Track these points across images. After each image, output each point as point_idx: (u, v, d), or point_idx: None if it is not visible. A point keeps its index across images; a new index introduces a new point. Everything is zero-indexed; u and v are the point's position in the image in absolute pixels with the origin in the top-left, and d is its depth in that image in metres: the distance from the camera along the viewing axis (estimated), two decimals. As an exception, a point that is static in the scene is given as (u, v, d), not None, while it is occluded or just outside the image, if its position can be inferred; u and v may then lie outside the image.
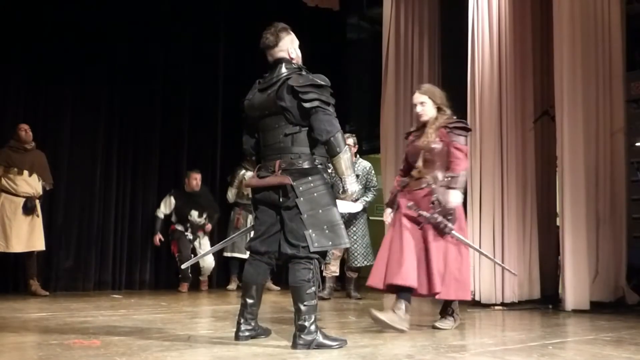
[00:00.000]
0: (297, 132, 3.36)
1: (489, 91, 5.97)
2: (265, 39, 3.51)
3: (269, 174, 3.41)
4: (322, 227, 3.30)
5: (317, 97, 3.30)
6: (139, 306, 5.56)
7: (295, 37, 3.57)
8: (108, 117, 7.43)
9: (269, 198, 3.41)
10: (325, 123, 3.29)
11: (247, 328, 3.46)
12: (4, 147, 6.36)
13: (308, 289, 3.26)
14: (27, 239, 6.31)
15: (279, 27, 3.53)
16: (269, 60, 3.52)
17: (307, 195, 3.32)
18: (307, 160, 3.35)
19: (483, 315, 5.21)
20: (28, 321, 4.44)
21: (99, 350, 3.12)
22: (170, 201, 7.48)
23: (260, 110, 3.47)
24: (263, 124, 3.47)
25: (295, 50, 3.53)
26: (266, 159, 3.46)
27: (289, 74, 3.40)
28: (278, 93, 3.38)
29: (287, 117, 3.36)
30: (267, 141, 3.46)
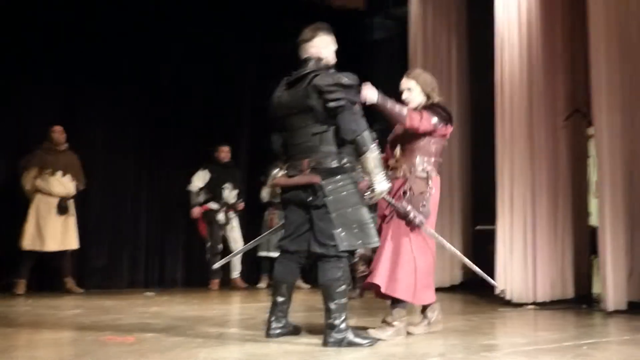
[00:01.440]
0: (325, 131, 3.37)
1: (519, 89, 5.90)
2: (302, 33, 3.53)
3: (297, 173, 3.42)
4: (351, 226, 3.31)
5: (343, 97, 3.30)
6: (170, 304, 5.63)
7: (334, 41, 3.57)
8: (139, 118, 7.53)
9: (297, 197, 3.43)
10: (351, 122, 3.29)
11: (278, 326, 3.49)
12: (38, 149, 6.49)
13: (338, 287, 3.27)
14: (62, 238, 6.44)
15: (320, 25, 3.56)
16: (301, 57, 3.53)
17: (335, 195, 3.32)
18: (335, 160, 3.36)
19: (515, 314, 5.16)
20: (64, 318, 4.53)
21: (132, 347, 3.18)
22: (204, 174, 7.44)
23: (287, 108, 3.48)
24: (290, 123, 3.48)
25: (328, 51, 3.52)
26: (294, 158, 3.47)
27: (316, 72, 3.41)
28: (305, 91, 3.39)
29: (314, 116, 3.37)
30: (294, 140, 3.47)
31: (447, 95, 7.52)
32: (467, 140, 7.74)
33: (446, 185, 7.46)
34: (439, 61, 7.52)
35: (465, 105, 7.74)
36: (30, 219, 6.34)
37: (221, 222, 7.43)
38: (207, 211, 7.42)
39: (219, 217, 7.43)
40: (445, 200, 7.43)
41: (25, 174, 6.45)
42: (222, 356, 2.99)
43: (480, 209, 7.46)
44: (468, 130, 7.76)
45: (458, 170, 7.60)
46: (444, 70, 7.54)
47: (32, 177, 6.44)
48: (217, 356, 2.97)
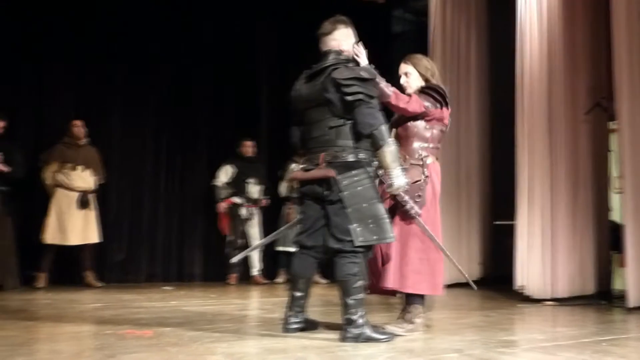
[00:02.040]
0: (342, 125, 3.35)
1: (539, 83, 5.85)
2: (322, 26, 3.53)
3: (313, 167, 3.42)
4: (366, 221, 3.29)
5: (360, 91, 3.29)
6: (189, 298, 5.66)
7: (354, 33, 3.56)
8: (157, 113, 7.57)
9: (313, 191, 3.43)
10: (368, 116, 3.28)
11: (295, 321, 3.49)
12: (58, 144, 6.55)
13: (355, 283, 3.27)
14: (82, 232, 6.50)
15: (339, 18, 3.55)
16: (321, 50, 3.52)
17: (351, 189, 3.31)
18: (352, 154, 3.34)
19: (533, 310, 5.13)
20: (84, 311, 4.58)
21: (151, 341, 3.20)
22: (228, 169, 7.48)
23: (306, 101, 3.48)
24: (308, 116, 3.48)
25: (348, 44, 3.51)
26: (311, 151, 3.46)
27: (335, 65, 3.39)
28: (323, 84, 3.38)
29: (332, 110, 3.36)
30: (312, 133, 3.46)
31: (466, 88, 7.52)
32: (486, 134, 7.69)
33: (464, 180, 7.45)
34: (458, 54, 7.48)
35: (485, 98, 7.69)
36: (51, 213, 6.41)
37: (244, 216, 7.46)
38: (231, 205, 7.45)
39: (242, 212, 7.45)
40: (463, 194, 7.41)
41: (46, 169, 6.51)
42: (239, 351, 3.00)
43: (499, 204, 7.42)
44: (487, 123, 7.71)
45: (476, 164, 7.56)
46: (463, 63, 7.50)
47: (52, 171, 6.50)
48: (234, 351, 2.98)
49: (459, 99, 7.47)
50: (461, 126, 7.46)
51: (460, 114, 7.47)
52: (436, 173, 3.74)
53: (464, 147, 7.46)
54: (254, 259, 7.54)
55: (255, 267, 7.57)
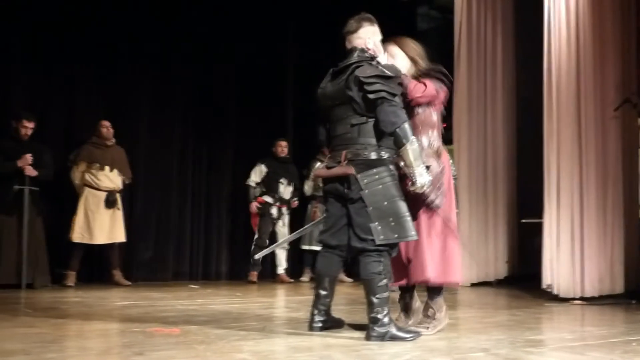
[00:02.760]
0: (364, 123, 3.35)
1: (567, 78, 5.77)
2: (347, 24, 3.52)
3: (335, 164, 3.42)
4: (387, 220, 3.28)
5: (383, 89, 3.27)
6: (215, 296, 5.70)
7: (379, 30, 3.55)
8: (183, 113, 7.64)
9: (335, 189, 3.43)
10: (390, 114, 3.26)
11: (320, 319, 3.50)
12: (87, 144, 6.63)
13: (379, 281, 3.26)
14: (109, 231, 6.58)
15: (364, 15, 3.54)
16: (347, 47, 3.51)
17: (372, 188, 3.30)
18: (374, 152, 3.33)
19: (561, 309, 5.07)
20: (112, 309, 4.64)
21: (178, 338, 3.23)
22: (261, 169, 7.53)
23: (331, 99, 3.49)
24: (333, 114, 3.49)
25: (373, 42, 3.50)
26: (335, 149, 3.47)
27: (359, 63, 3.39)
28: (347, 82, 3.38)
29: (354, 107, 3.36)
30: (336, 131, 3.47)
31: (492, 84, 7.46)
32: (513, 130, 7.61)
33: (491, 177, 7.38)
34: (485, 51, 7.41)
35: (512, 94, 7.62)
36: (79, 212, 6.50)
37: (274, 216, 7.49)
38: (262, 204, 7.48)
39: (272, 212, 7.48)
40: (490, 192, 7.35)
41: (74, 169, 6.60)
42: (265, 349, 3.02)
43: (526, 202, 7.35)
44: (514, 120, 7.64)
45: (503, 161, 7.49)
46: (489, 60, 7.43)
47: (80, 171, 6.59)
48: (260, 349, 3.00)
49: (485, 96, 7.41)
50: (488, 123, 7.40)
51: (487, 111, 7.41)
52: (447, 160, 3.68)
53: (491, 145, 7.39)
54: (280, 258, 7.57)
55: (282, 266, 7.59)
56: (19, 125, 6.17)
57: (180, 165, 7.61)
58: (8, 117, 6.32)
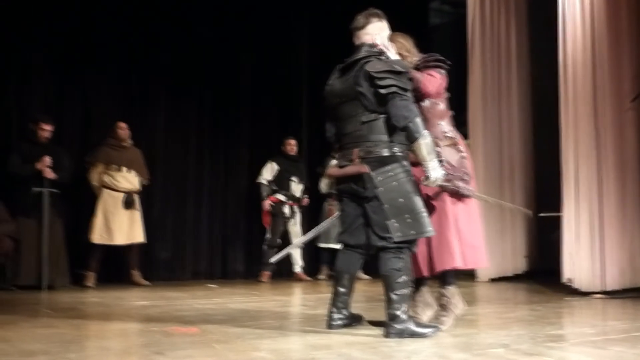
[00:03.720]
0: (374, 120, 3.32)
1: (582, 70, 5.71)
2: (355, 20, 3.51)
3: (347, 163, 3.39)
4: (403, 216, 3.26)
5: (394, 83, 3.25)
6: (232, 295, 5.72)
7: (388, 26, 3.53)
8: (198, 114, 7.68)
9: (349, 188, 3.41)
10: (402, 109, 3.23)
11: (339, 317, 3.49)
12: (104, 145, 6.68)
13: (399, 277, 3.25)
14: (128, 232, 6.62)
15: (372, 11, 3.52)
16: (355, 43, 3.49)
17: (386, 185, 3.28)
18: (386, 148, 3.30)
19: (582, 303, 5.02)
20: (131, 309, 4.67)
21: (196, 337, 3.24)
22: (273, 167, 7.54)
23: (340, 96, 3.45)
24: (342, 111, 3.45)
25: (381, 38, 3.48)
26: (345, 147, 3.44)
27: (367, 58, 3.36)
28: (356, 78, 3.35)
29: (364, 104, 3.33)
30: (345, 129, 3.44)
31: (507, 79, 7.40)
32: (529, 124, 7.56)
33: (507, 171, 7.33)
34: (498, 45, 7.35)
35: (527, 88, 7.56)
36: (98, 213, 6.54)
37: (286, 215, 7.49)
38: (275, 203, 7.49)
39: (285, 210, 7.49)
40: (507, 186, 7.30)
41: (92, 170, 6.65)
42: (284, 347, 3.02)
43: (544, 195, 7.29)
44: (530, 113, 7.58)
45: (519, 155, 7.44)
46: (503, 54, 7.37)
47: (98, 172, 6.64)
48: (279, 347, 3.00)
49: (500, 90, 7.36)
50: (503, 117, 7.35)
51: (502, 105, 7.36)
52: (464, 145, 3.67)
53: (506, 139, 7.35)
54: (295, 256, 7.57)
55: (298, 264, 7.60)
56: (37, 129, 6.23)
57: (196, 165, 7.64)
58: (26, 121, 6.39)
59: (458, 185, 3.52)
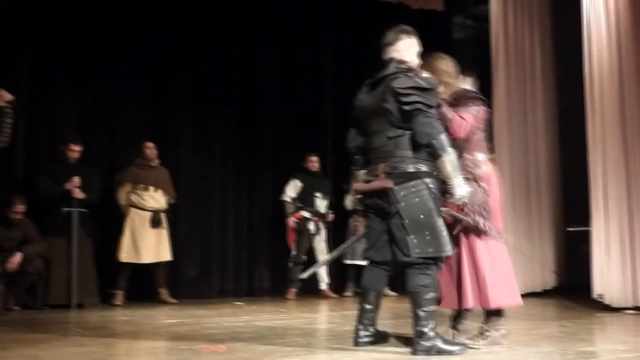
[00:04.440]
0: (400, 136, 3.33)
1: (609, 83, 5.66)
2: (385, 36, 3.53)
3: (373, 178, 3.41)
4: (423, 233, 3.24)
5: (418, 100, 3.25)
6: (259, 313, 5.73)
7: (417, 43, 3.54)
8: (224, 132, 7.74)
9: (375, 204, 3.42)
10: (426, 126, 3.24)
11: (365, 334, 3.47)
12: (132, 165, 6.77)
13: (426, 294, 3.23)
14: (155, 251, 6.68)
15: (403, 28, 3.55)
16: (383, 59, 3.51)
17: (408, 200, 3.27)
18: (411, 164, 3.30)
19: (614, 320, 4.93)
20: (159, 327, 4.70)
21: (224, 356, 3.25)
22: (296, 184, 7.54)
23: (368, 112, 3.48)
24: (370, 127, 3.47)
25: (410, 55, 3.49)
26: (372, 162, 3.45)
27: (395, 74, 3.37)
28: (383, 94, 3.37)
29: (390, 120, 3.34)
30: (373, 144, 3.45)
31: (531, 92, 7.35)
32: (555, 137, 7.50)
33: (534, 186, 7.27)
34: (523, 58, 7.32)
35: (552, 102, 7.51)
36: (125, 232, 6.61)
37: (311, 231, 7.50)
38: (299, 219, 7.51)
39: (310, 227, 7.50)
40: (534, 201, 7.23)
41: (120, 189, 6.74)
42: (311, 365, 3.02)
43: (572, 210, 7.20)
44: (555, 128, 7.52)
45: (546, 169, 7.37)
46: (528, 66, 7.34)
47: (126, 192, 6.72)
48: (306, 365, 3.00)
49: (525, 103, 7.31)
50: (528, 131, 7.30)
51: (527, 118, 7.31)
52: (491, 179, 3.62)
53: (532, 152, 7.29)
54: (322, 273, 7.56)
55: (324, 281, 7.59)
56: (67, 149, 6.33)
57: (222, 184, 7.70)
58: (56, 142, 6.52)
59: (475, 219, 3.49)
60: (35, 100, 6.61)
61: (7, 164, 6.34)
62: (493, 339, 3.52)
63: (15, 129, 5.96)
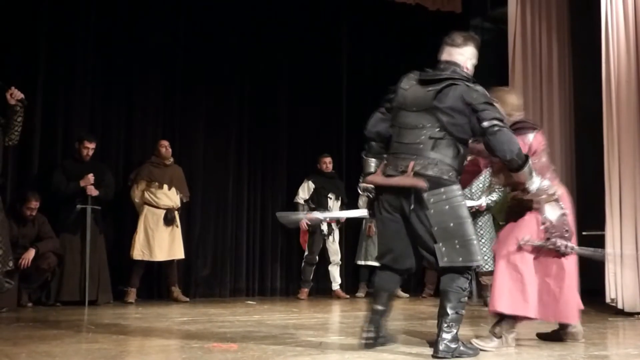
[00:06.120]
0: (441, 138, 3.23)
1: (627, 88, 5.61)
2: (454, 36, 3.47)
3: (397, 173, 3.25)
4: (453, 241, 3.16)
5: (496, 117, 3.21)
6: (271, 312, 5.73)
7: (477, 54, 3.51)
8: (238, 133, 7.75)
9: (394, 201, 3.28)
10: (507, 143, 3.21)
11: (374, 335, 3.43)
12: (146, 163, 6.80)
13: (462, 297, 3.19)
14: (168, 249, 6.70)
15: (473, 35, 3.55)
16: (441, 58, 3.43)
17: (438, 207, 3.17)
18: (444, 169, 3.20)
19: (626, 324, 4.89)
20: (171, 325, 4.72)
21: (236, 354, 3.26)
22: (309, 185, 7.55)
23: (411, 104, 3.33)
24: (405, 119, 3.33)
25: (471, 63, 3.46)
26: (398, 156, 3.30)
27: (457, 81, 3.27)
28: (439, 94, 3.24)
29: (440, 120, 3.23)
30: (404, 138, 3.30)
31: (548, 94, 7.29)
32: (571, 142, 7.43)
33: (549, 189, 7.20)
34: (540, 60, 7.26)
35: (569, 106, 7.44)
36: (139, 230, 6.63)
37: (324, 232, 7.50)
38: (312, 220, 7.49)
39: (323, 227, 7.49)
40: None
41: (134, 187, 6.76)
42: (322, 364, 3.02)
43: (587, 214, 7.13)
44: (572, 130, 7.45)
45: (561, 173, 7.30)
46: (545, 69, 7.27)
47: (140, 190, 6.74)
48: (317, 364, 3.00)
49: (541, 106, 7.25)
50: (545, 134, 7.23)
51: (543, 121, 7.25)
52: (566, 200, 3.76)
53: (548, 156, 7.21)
54: (334, 274, 7.55)
55: (336, 282, 7.58)
56: (81, 147, 6.37)
57: (236, 184, 7.71)
58: (71, 140, 6.56)
59: (557, 244, 3.59)
60: (51, 97, 6.65)
61: (22, 160, 6.40)
62: (504, 341, 3.50)
63: (31, 126, 6.07)
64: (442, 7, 8.44)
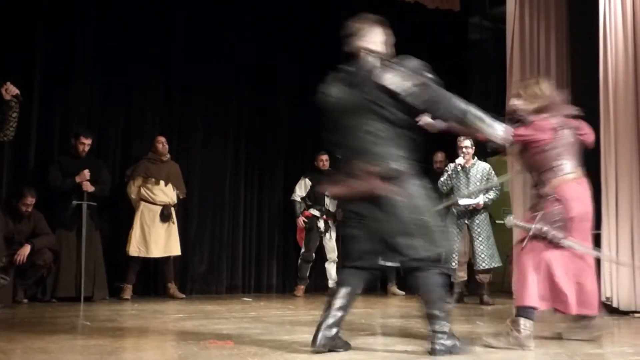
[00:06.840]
0: (381, 131, 3.12)
1: (624, 88, 5.62)
2: (348, 26, 3.36)
3: (350, 178, 3.16)
4: (416, 234, 3.06)
5: (410, 84, 3.08)
6: (268, 309, 5.74)
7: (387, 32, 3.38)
8: (235, 130, 7.76)
9: (361, 208, 3.15)
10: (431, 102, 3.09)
11: (326, 335, 3.18)
12: (143, 159, 6.79)
13: (442, 294, 3.15)
14: (165, 245, 6.70)
15: (371, 17, 3.42)
16: (353, 50, 3.33)
17: (400, 201, 3.07)
18: (397, 163, 3.11)
19: (622, 323, 4.90)
20: (167, 322, 4.72)
21: (232, 351, 3.26)
22: (305, 183, 7.55)
23: (344, 107, 3.25)
24: (345, 123, 3.24)
25: (380, 42, 3.33)
26: (348, 161, 3.22)
27: (379, 68, 3.17)
28: (365, 87, 3.15)
29: (373, 113, 3.12)
30: (347, 140, 3.24)
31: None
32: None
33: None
34: (538, 60, 7.26)
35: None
36: (135, 226, 6.63)
37: (321, 229, 7.50)
38: (309, 218, 7.51)
39: (320, 225, 7.49)
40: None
41: (131, 184, 6.76)
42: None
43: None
44: (568, 131, 7.46)
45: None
46: (542, 69, 7.27)
47: (137, 186, 6.74)
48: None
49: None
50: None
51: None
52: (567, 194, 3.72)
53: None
54: (331, 271, 7.56)
55: (332, 279, 7.57)
56: (77, 142, 6.36)
57: (233, 181, 7.71)
58: (68, 135, 6.55)
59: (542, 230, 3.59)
60: (48, 93, 6.63)
61: (19, 156, 6.39)
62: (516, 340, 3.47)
63: (27, 122, 6.05)
64: (441, 5, 8.43)
